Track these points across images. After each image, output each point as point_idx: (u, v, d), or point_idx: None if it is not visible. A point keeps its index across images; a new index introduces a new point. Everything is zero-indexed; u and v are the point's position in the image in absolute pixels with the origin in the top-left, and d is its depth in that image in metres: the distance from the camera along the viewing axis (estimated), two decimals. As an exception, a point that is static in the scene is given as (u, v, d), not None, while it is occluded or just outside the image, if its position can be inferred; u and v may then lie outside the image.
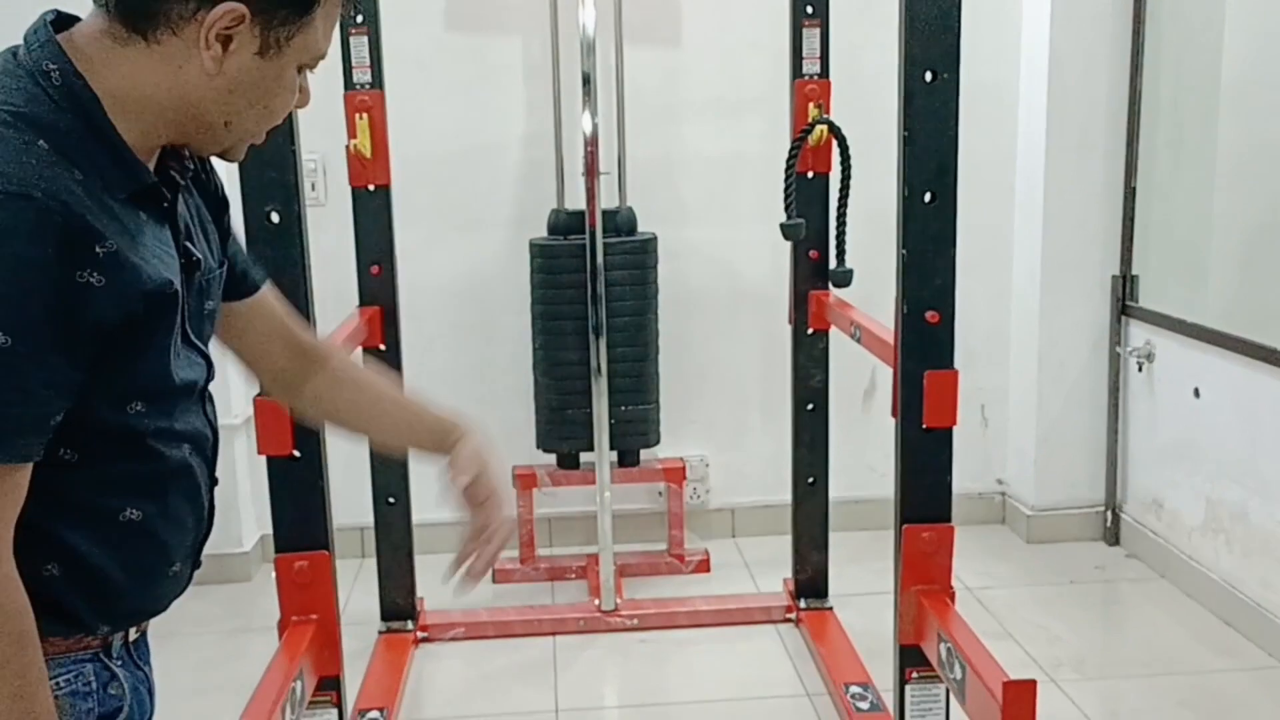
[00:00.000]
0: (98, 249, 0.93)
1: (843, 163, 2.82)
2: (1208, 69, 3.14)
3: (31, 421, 0.94)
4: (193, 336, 1.12)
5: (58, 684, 1.04)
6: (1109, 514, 3.56)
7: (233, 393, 3.17)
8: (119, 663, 1.11)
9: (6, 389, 0.91)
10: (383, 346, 2.90)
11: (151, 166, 1.06)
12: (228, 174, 1.69)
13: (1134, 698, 2.68)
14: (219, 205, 1.22)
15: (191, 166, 1.13)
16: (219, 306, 1.19)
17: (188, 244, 1.10)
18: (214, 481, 1.18)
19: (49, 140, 0.94)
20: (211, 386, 1.18)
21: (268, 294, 1.32)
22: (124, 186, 1.00)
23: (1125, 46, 3.35)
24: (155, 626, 1.19)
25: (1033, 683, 1.75)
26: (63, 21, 1.02)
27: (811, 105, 2.87)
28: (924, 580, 2.08)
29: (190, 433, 1.12)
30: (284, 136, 1.93)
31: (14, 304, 0.90)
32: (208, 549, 1.22)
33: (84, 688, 1.07)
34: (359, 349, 2.84)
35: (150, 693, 1.17)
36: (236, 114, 1.05)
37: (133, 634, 1.13)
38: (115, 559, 1.05)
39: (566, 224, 3.24)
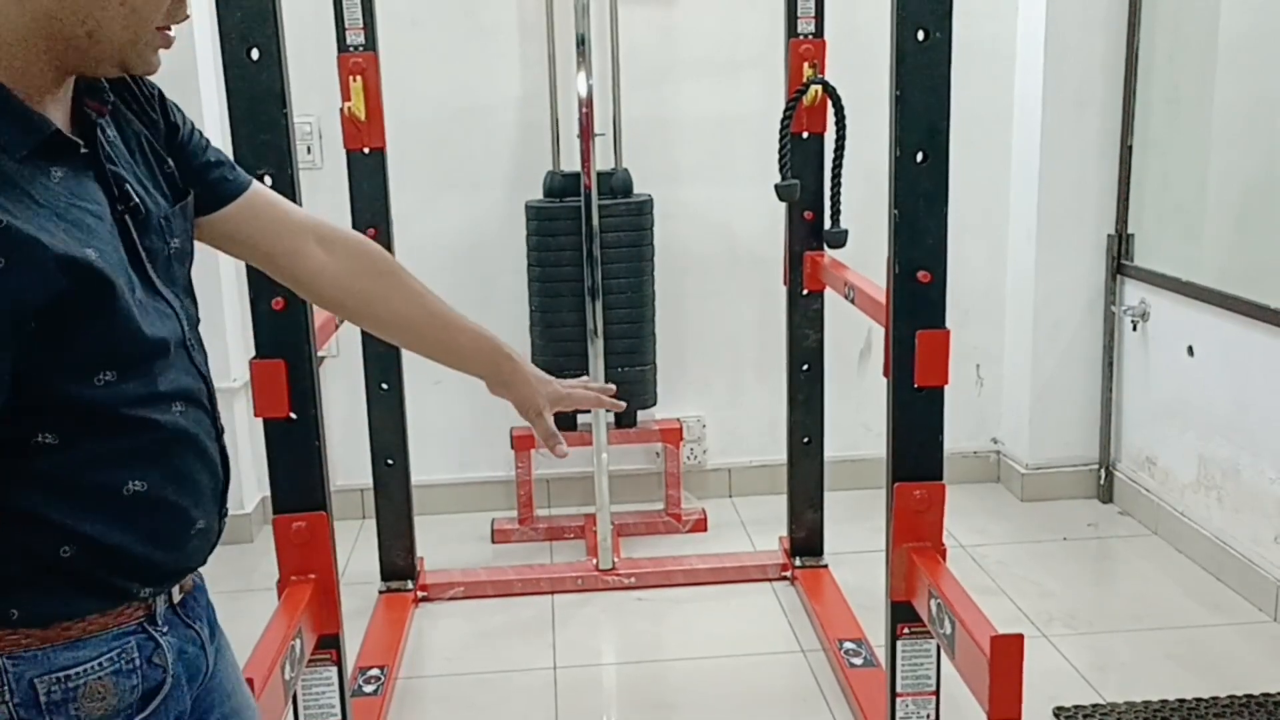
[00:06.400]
0: None
1: (838, 123, 2.81)
2: (1205, 25, 3.12)
3: None
4: (160, 285, 1.06)
5: (99, 664, 1.01)
6: (1103, 472, 3.58)
7: (231, 356, 3.18)
8: (164, 629, 1.08)
9: None
10: (379, 309, 2.91)
11: (65, 110, 0.99)
12: (222, 138, 1.70)
13: (1124, 651, 2.71)
14: (170, 130, 1.15)
15: (111, 98, 1.06)
16: (190, 242, 1.14)
17: (126, 189, 1.02)
18: (219, 430, 1.13)
19: None
20: (207, 350, 1.15)
21: (263, 192, 1.27)
22: (22, 143, 0.92)
23: (1123, 3, 3.33)
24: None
25: (1020, 637, 1.77)
26: None
27: (806, 65, 2.86)
28: (915, 537, 2.10)
29: (178, 390, 1.05)
30: (277, 99, 1.93)
31: None
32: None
33: (127, 665, 1.03)
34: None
35: (204, 647, 1.13)
36: (96, 22, 0.95)
37: (176, 595, 1.10)
38: (131, 532, 1.01)
39: (562, 186, 3.24)
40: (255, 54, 1.90)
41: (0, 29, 0.92)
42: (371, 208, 2.86)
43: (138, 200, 1.04)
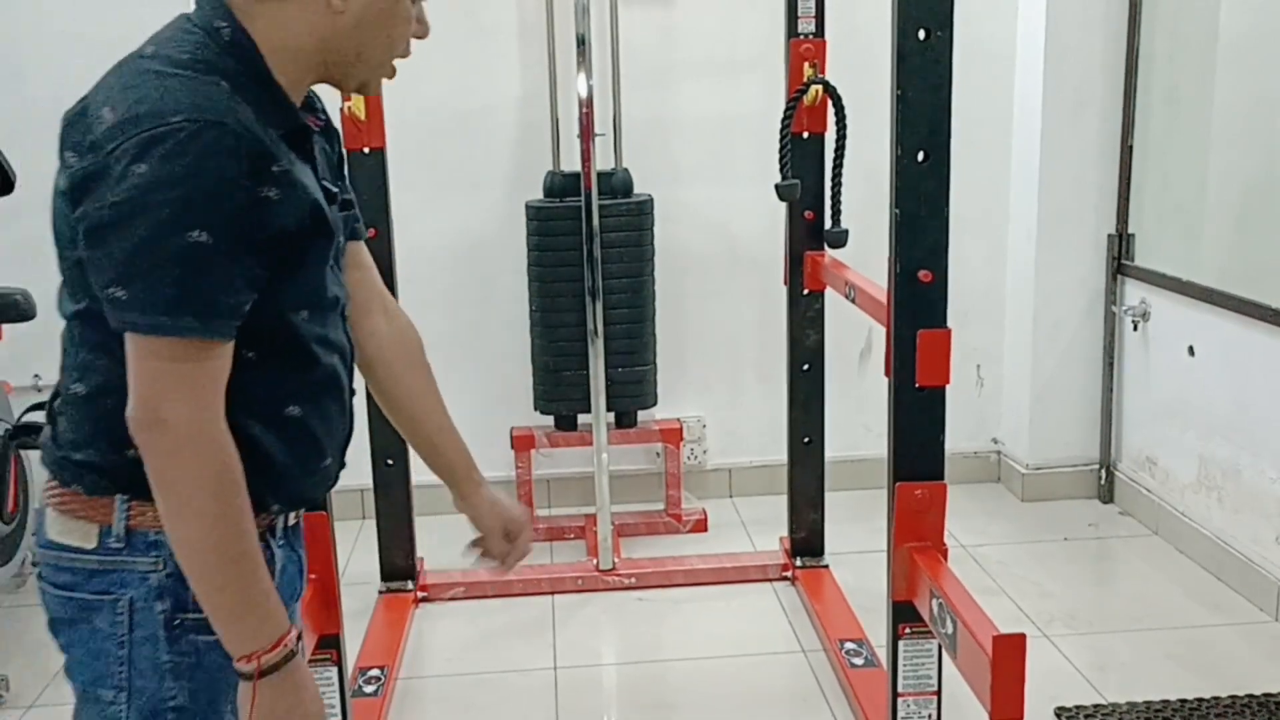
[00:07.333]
0: (274, 168, 1.13)
1: (838, 123, 2.81)
2: (1205, 25, 3.12)
3: (230, 307, 1.12)
4: (334, 263, 1.29)
5: None
6: (1103, 472, 3.58)
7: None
8: (280, 542, 1.30)
9: (212, 278, 1.10)
10: (379, 309, 2.91)
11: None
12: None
13: (1124, 651, 2.71)
14: (339, 161, 1.38)
15: (325, 117, 1.33)
16: (344, 246, 1.36)
17: (324, 182, 1.26)
18: (353, 391, 1.34)
19: (227, 81, 1.13)
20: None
21: (366, 249, 1.47)
22: (281, 124, 1.18)
23: (1123, 3, 3.33)
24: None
25: (1022, 636, 1.77)
26: None
27: (807, 65, 2.86)
28: (917, 537, 2.10)
29: (339, 344, 1.30)
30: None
31: (217, 210, 1.08)
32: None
33: None
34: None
35: (301, 572, 1.36)
36: (364, 46, 1.23)
37: (291, 518, 1.33)
38: (280, 447, 1.23)
39: (562, 186, 3.24)
40: (256, 54, 1.90)
41: (290, 45, 1.19)
42: (371, 208, 2.85)
43: (335, 190, 1.29)
